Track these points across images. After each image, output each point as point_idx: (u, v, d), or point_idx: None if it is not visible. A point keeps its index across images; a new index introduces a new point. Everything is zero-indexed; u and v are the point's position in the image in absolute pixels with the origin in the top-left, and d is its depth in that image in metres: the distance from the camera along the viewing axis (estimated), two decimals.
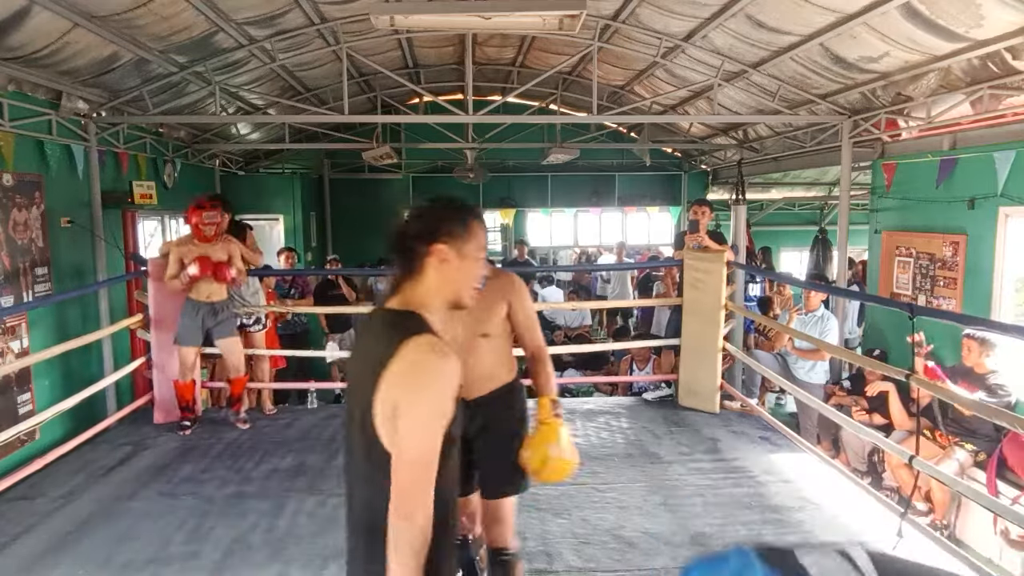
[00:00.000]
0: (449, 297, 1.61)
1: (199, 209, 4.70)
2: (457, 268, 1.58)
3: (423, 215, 1.61)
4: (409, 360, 1.42)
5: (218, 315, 4.83)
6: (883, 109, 5.89)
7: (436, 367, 1.42)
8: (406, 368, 1.41)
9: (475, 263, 1.63)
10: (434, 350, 1.44)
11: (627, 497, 3.71)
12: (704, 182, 12.17)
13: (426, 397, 1.41)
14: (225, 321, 4.88)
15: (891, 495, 4.67)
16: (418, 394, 1.41)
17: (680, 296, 5.39)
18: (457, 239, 1.58)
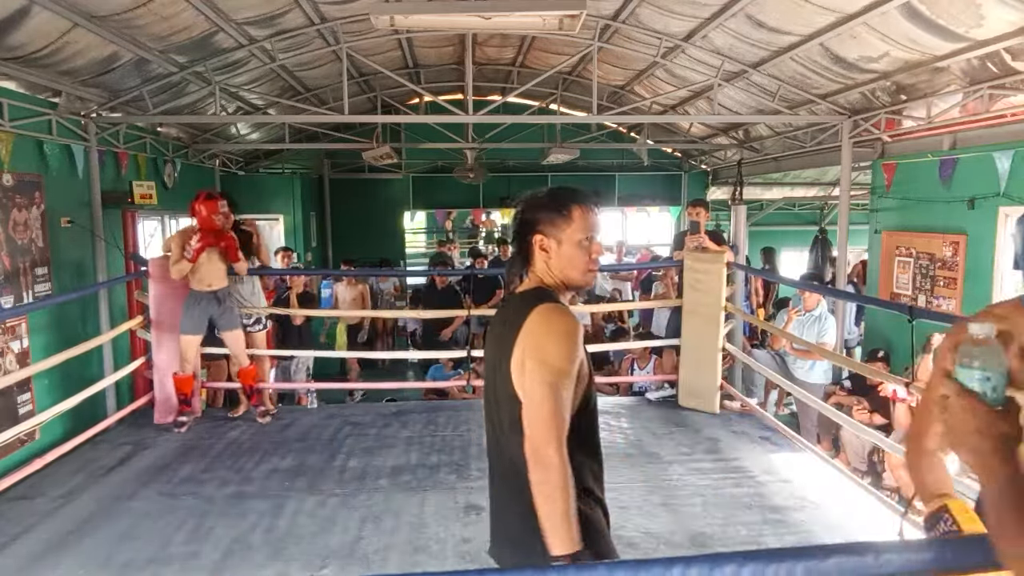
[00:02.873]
0: (561, 279, 1.73)
1: (212, 200, 4.72)
2: (558, 254, 1.70)
3: (525, 208, 1.76)
4: (535, 319, 1.61)
5: (221, 303, 4.84)
6: (883, 109, 5.89)
7: (559, 318, 1.61)
8: (532, 324, 1.61)
9: (575, 247, 1.71)
10: (558, 309, 1.64)
11: (627, 497, 3.71)
12: (704, 182, 12.17)
13: (551, 341, 1.58)
14: (228, 311, 4.89)
15: (891, 495, 4.66)
16: (542, 339, 1.58)
17: (680, 296, 5.39)
18: (554, 227, 1.70)
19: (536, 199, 1.75)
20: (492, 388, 1.72)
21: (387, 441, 4.61)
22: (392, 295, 11.15)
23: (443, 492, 3.77)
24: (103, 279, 5.78)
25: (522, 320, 1.61)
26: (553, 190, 1.78)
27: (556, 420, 1.51)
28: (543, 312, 1.61)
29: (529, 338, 1.59)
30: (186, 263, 4.65)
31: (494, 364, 1.71)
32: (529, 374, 1.57)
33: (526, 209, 1.75)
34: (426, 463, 4.19)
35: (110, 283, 5.73)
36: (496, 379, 1.68)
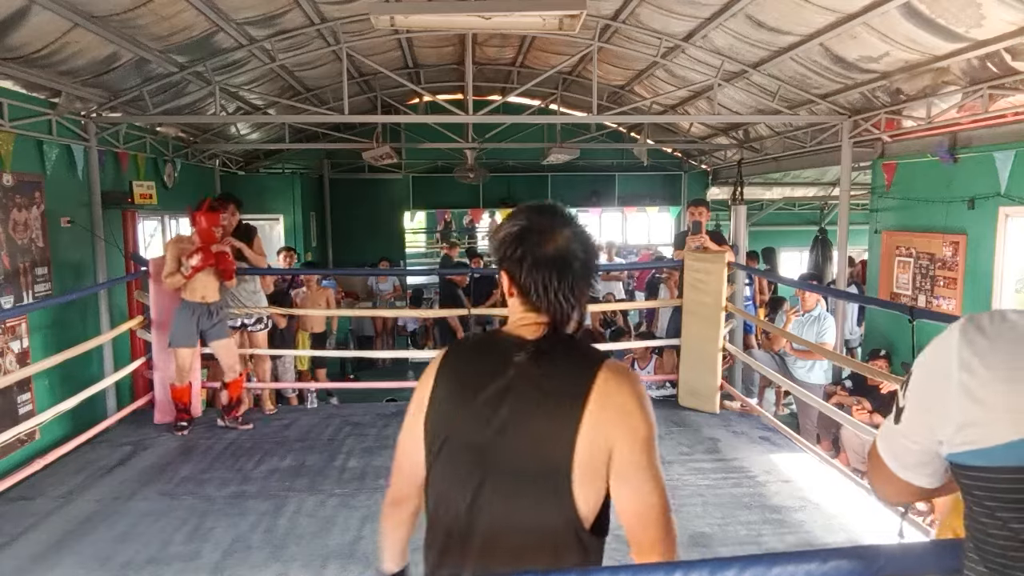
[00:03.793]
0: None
1: (214, 212, 4.70)
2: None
3: (581, 228, 1.37)
4: (623, 387, 1.26)
5: (213, 317, 4.81)
6: (883, 109, 5.89)
7: (637, 381, 1.31)
8: (617, 391, 1.25)
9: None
10: (624, 367, 1.32)
11: None
12: (704, 182, 12.17)
13: (647, 413, 1.28)
14: (219, 323, 4.87)
15: None
16: (639, 411, 1.26)
17: (680, 296, 5.39)
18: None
19: (577, 220, 1.38)
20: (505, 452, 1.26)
21: (387, 441, 4.61)
22: (392, 296, 11.17)
23: None
24: (103, 279, 5.78)
25: (587, 384, 1.24)
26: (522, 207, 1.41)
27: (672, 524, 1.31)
28: (623, 375, 1.28)
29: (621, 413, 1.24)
30: (179, 278, 4.63)
31: (515, 425, 1.26)
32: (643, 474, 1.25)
33: (590, 234, 1.38)
34: None
35: (110, 283, 5.73)
36: (521, 444, 1.25)
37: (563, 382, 1.25)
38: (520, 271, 1.29)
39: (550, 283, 1.28)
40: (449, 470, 1.30)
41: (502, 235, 1.32)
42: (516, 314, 1.33)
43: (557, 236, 1.29)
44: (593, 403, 1.22)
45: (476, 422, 1.28)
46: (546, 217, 1.32)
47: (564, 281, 1.28)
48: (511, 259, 1.29)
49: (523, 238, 1.29)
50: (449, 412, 1.32)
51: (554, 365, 1.26)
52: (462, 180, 11.55)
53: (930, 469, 1.04)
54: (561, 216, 1.33)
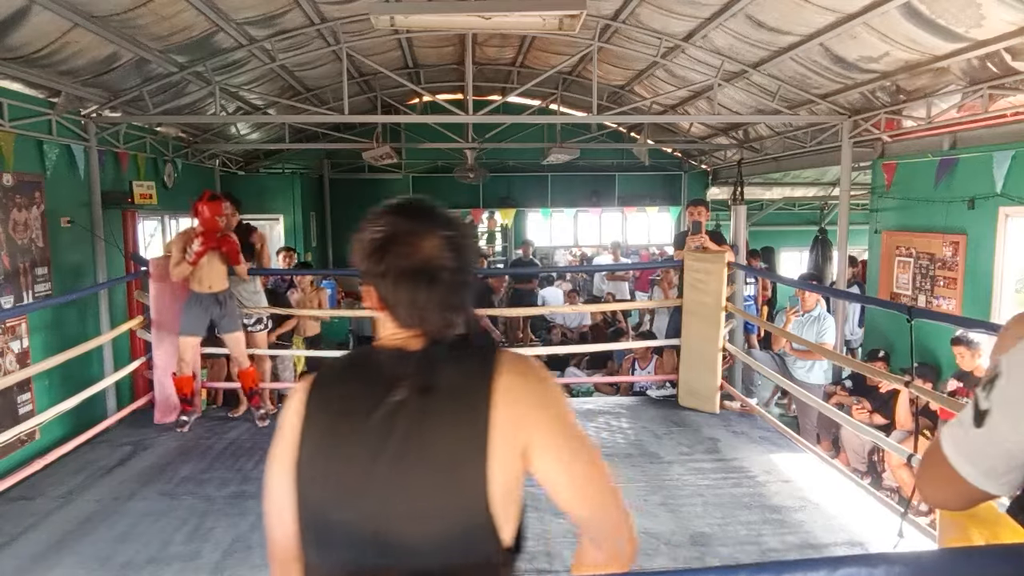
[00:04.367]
0: None
1: (216, 201, 4.71)
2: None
3: (465, 228, 1.26)
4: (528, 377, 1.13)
5: (222, 306, 4.83)
6: (883, 109, 5.89)
7: (541, 367, 1.19)
8: (527, 390, 1.12)
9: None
10: (524, 355, 1.19)
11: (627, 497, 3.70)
12: (704, 182, 12.18)
13: (558, 398, 1.17)
14: (230, 313, 4.89)
15: (891, 495, 4.66)
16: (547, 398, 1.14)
17: (680, 296, 5.39)
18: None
19: (460, 220, 1.22)
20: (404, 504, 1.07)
21: None
22: None
23: None
24: (103, 279, 5.78)
25: (488, 386, 1.09)
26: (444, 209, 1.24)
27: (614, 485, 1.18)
28: (522, 364, 1.15)
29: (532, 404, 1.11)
30: (186, 265, 4.64)
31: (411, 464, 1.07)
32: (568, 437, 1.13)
33: (470, 236, 1.29)
34: None
35: (110, 283, 5.73)
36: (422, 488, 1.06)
37: (459, 392, 1.09)
38: (383, 286, 1.14)
39: (416, 299, 1.12)
40: (337, 544, 1.10)
41: (362, 244, 1.16)
42: (388, 328, 1.17)
43: (423, 244, 1.12)
44: (499, 405, 1.08)
45: (359, 473, 1.08)
46: (410, 221, 1.15)
47: (433, 295, 1.12)
48: (372, 273, 1.14)
49: (384, 248, 1.13)
50: (324, 466, 1.10)
51: (445, 376, 1.10)
52: (462, 180, 11.55)
53: (1013, 476, 0.96)
54: (428, 219, 1.15)
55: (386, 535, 1.07)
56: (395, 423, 1.07)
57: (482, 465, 1.06)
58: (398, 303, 1.13)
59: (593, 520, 1.15)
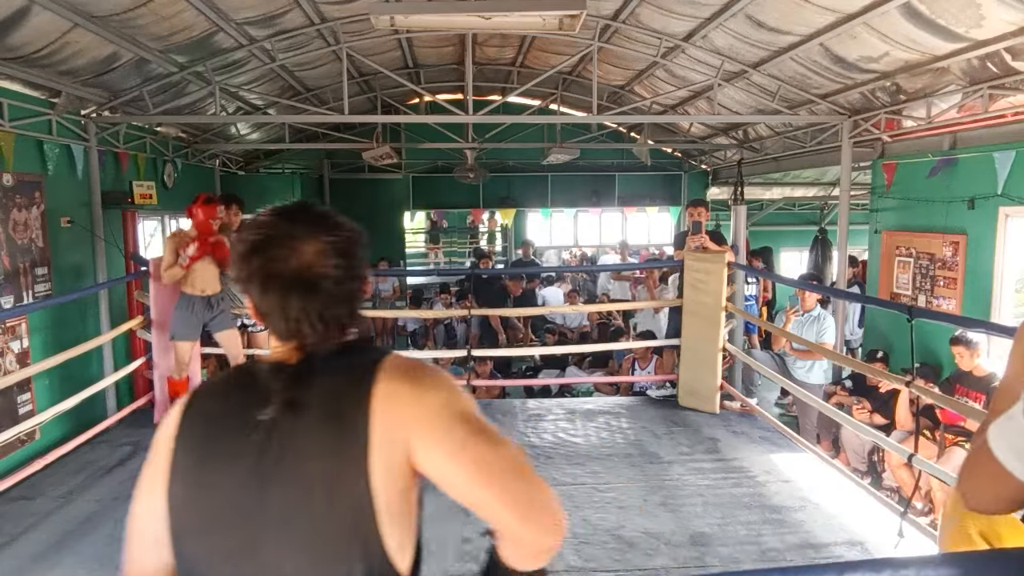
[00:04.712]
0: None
1: (210, 204, 4.70)
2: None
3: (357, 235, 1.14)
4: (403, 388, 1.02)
5: (214, 308, 4.81)
6: (883, 109, 5.89)
7: (429, 366, 1.09)
8: (409, 392, 1.02)
9: None
10: (411, 359, 1.09)
11: (627, 497, 3.71)
12: (704, 182, 12.18)
13: (449, 392, 1.05)
14: (222, 314, 4.88)
15: (891, 495, 4.67)
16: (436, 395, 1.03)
17: (680, 296, 5.39)
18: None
19: (348, 223, 1.13)
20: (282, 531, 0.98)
21: None
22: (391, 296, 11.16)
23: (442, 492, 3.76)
24: (103, 279, 5.78)
25: (366, 393, 1.00)
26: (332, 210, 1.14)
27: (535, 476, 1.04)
28: (408, 368, 1.05)
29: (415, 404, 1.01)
30: (178, 269, 4.61)
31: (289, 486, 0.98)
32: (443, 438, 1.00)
33: (357, 241, 1.12)
34: None
35: (110, 283, 5.73)
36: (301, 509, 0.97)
37: (334, 407, 1.00)
38: (253, 292, 1.05)
39: (288, 308, 1.03)
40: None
41: (235, 248, 1.08)
42: (273, 340, 1.09)
43: (300, 249, 1.03)
44: (377, 416, 0.98)
45: (228, 502, 0.99)
46: (288, 224, 1.06)
47: (309, 305, 1.03)
48: (241, 278, 1.06)
49: (254, 252, 1.04)
50: (193, 493, 1.01)
51: (319, 390, 1.01)
52: (462, 180, 11.55)
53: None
54: (309, 222, 1.06)
55: (262, 572, 0.98)
56: (266, 445, 0.99)
57: (364, 485, 0.96)
58: (270, 311, 1.05)
59: (502, 513, 1.02)
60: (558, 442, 4.52)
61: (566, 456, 4.28)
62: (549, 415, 5.07)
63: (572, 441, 4.55)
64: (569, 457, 4.26)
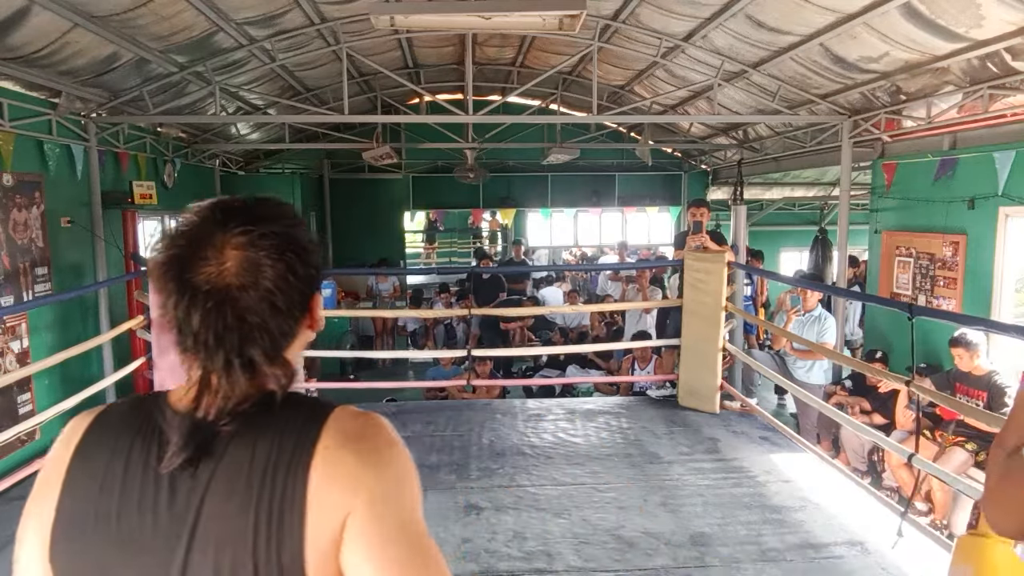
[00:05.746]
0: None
1: None
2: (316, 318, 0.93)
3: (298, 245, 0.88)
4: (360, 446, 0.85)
5: None
6: (883, 109, 5.89)
7: (390, 434, 0.90)
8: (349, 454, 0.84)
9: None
10: (372, 416, 0.90)
11: (627, 497, 3.71)
12: (704, 182, 12.18)
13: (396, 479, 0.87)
14: None
15: (891, 495, 4.67)
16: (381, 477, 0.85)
17: (680, 296, 5.39)
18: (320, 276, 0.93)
19: (292, 225, 0.89)
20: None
21: None
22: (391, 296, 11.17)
23: (443, 492, 3.76)
24: (103, 279, 5.78)
25: (304, 465, 0.82)
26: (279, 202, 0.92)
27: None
28: (358, 430, 0.87)
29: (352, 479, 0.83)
30: None
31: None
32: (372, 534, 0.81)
33: (302, 248, 0.88)
34: (426, 463, 4.18)
35: (110, 283, 5.73)
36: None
37: (265, 471, 0.81)
38: (166, 310, 0.84)
39: (203, 332, 0.81)
40: None
41: (154, 253, 0.86)
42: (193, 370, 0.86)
43: (223, 255, 0.82)
44: (314, 487, 0.80)
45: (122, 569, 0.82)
46: (211, 224, 0.84)
47: (227, 328, 0.81)
48: (158, 289, 0.84)
49: (173, 258, 0.83)
50: (81, 549, 0.84)
51: (248, 448, 0.82)
52: (462, 180, 11.56)
53: None
54: (238, 221, 0.83)
55: None
56: (171, 506, 0.81)
57: (299, 569, 0.79)
58: (182, 334, 0.83)
59: None
60: (558, 442, 4.52)
61: (566, 456, 4.28)
62: (549, 415, 5.07)
63: (572, 441, 4.54)
64: (569, 457, 4.26)
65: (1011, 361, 4.68)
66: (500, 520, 3.40)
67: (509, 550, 3.11)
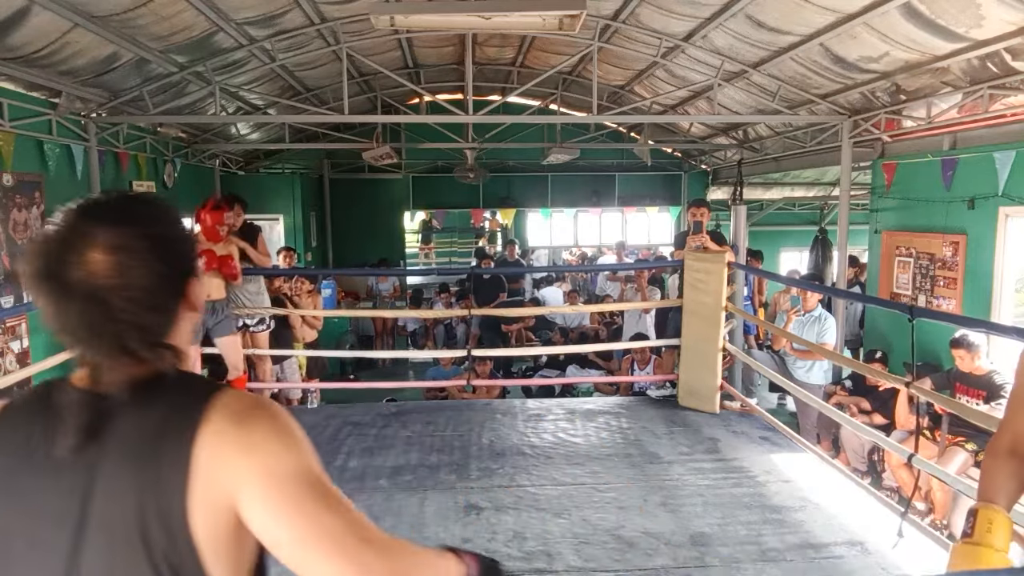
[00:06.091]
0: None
1: (219, 210, 4.70)
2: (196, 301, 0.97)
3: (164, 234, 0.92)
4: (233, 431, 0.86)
5: (217, 315, 4.83)
6: (883, 109, 5.89)
7: (277, 410, 0.92)
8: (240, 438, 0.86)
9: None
10: (259, 398, 0.94)
11: (627, 497, 3.71)
12: (704, 182, 12.18)
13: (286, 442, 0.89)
14: (224, 320, 4.88)
15: (891, 495, 4.67)
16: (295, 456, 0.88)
17: (680, 296, 5.39)
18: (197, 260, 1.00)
19: (157, 219, 0.94)
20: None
21: (387, 441, 4.62)
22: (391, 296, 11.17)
23: (443, 492, 3.77)
24: None
25: (190, 437, 0.85)
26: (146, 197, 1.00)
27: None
28: (246, 410, 0.89)
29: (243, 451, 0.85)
30: None
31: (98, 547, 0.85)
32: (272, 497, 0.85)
33: (168, 241, 0.93)
34: (426, 463, 4.19)
35: None
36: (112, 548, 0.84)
37: (154, 444, 0.84)
38: (40, 305, 0.88)
39: (80, 330, 0.87)
40: None
41: (24, 256, 0.89)
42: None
43: (91, 256, 0.84)
44: (203, 456, 0.84)
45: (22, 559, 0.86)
46: (78, 225, 0.87)
47: (101, 326, 0.86)
48: (31, 291, 0.88)
49: (43, 261, 0.86)
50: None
51: (129, 428, 0.86)
52: (462, 180, 11.56)
53: None
54: (105, 220, 0.87)
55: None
56: (64, 493, 0.85)
57: (182, 524, 0.83)
58: (58, 328, 0.88)
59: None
60: (558, 442, 4.52)
61: (566, 456, 4.28)
62: (549, 415, 5.07)
63: (572, 441, 4.54)
64: (569, 457, 4.26)
65: (1011, 361, 4.67)
66: (500, 520, 3.40)
67: (509, 550, 3.11)
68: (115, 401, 0.86)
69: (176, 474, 0.83)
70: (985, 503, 1.36)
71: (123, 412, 0.86)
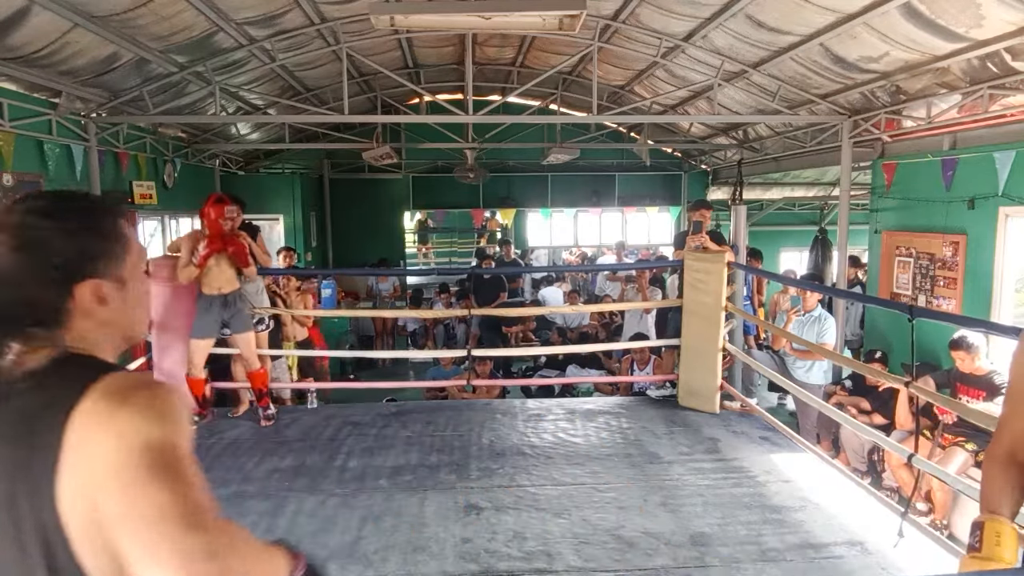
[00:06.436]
0: (124, 336, 1.15)
1: (220, 204, 4.71)
2: (124, 300, 1.05)
3: (55, 234, 0.96)
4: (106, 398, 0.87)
5: (230, 307, 4.83)
6: (883, 109, 5.89)
7: (166, 397, 0.92)
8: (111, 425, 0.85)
9: (141, 281, 1.10)
10: (149, 381, 0.93)
11: (627, 497, 3.71)
12: (704, 182, 12.19)
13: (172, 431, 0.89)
14: (239, 313, 4.88)
15: (891, 495, 4.67)
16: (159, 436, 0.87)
17: (680, 296, 5.39)
18: (115, 261, 1.02)
19: (68, 215, 0.98)
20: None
21: (387, 441, 4.62)
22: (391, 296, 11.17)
23: (443, 492, 3.77)
24: None
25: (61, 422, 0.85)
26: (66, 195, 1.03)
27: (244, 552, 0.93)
28: (119, 386, 0.90)
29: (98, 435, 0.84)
30: (193, 268, 4.65)
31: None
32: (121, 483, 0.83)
33: (60, 236, 0.96)
34: (426, 463, 4.19)
35: None
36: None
37: (26, 429, 0.86)
38: None
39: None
40: None
41: None
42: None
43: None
44: (73, 434, 0.84)
45: None
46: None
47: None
48: None
49: None
50: None
51: (15, 411, 0.88)
52: (462, 180, 11.56)
53: None
54: (10, 212, 0.96)
55: None
56: None
57: (52, 511, 0.83)
58: None
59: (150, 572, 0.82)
60: (558, 442, 4.52)
61: (566, 456, 4.28)
62: (549, 415, 5.07)
63: (572, 441, 4.54)
64: (569, 457, 4.26)
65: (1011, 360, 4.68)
66: (500, 520, 3.40)
67: (509, 550, 3.11)
68: (6, 385, 0.89)
69: (46, 455, 0.83)
70: (990, 515, 1.35)
71: (15, 396, 0.89)
